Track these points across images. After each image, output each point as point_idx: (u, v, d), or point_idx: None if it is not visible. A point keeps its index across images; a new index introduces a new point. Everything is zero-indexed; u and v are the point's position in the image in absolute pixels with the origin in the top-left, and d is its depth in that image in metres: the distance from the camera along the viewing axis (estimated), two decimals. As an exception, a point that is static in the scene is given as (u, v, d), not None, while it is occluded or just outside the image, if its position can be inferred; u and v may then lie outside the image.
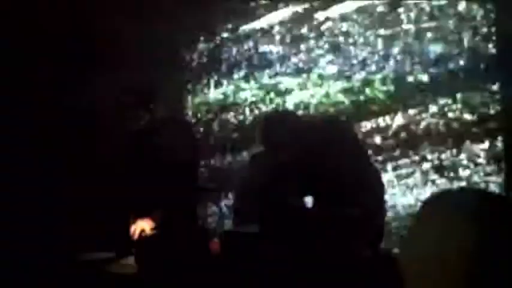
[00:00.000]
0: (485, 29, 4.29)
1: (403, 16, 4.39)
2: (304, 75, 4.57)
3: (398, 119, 4.40)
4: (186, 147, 3.75)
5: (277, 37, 4.63)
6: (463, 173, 4.30)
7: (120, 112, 3.80)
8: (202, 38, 4.82)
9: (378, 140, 4.42)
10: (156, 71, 4.38)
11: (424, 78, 4.38)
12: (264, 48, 4.67)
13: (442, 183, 4.30)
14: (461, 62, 4.30)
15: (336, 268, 2.75)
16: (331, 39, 4.51)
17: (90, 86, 4.34)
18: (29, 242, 3.91)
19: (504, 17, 4.17)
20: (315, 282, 2.74)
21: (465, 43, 4.29)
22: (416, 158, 4.38)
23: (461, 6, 4.30)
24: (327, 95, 4.50)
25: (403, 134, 4.40)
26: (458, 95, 4.31)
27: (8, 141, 4.29)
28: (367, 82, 4.44)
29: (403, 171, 4.38)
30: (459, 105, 4.31)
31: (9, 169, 4.25)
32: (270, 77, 4.65)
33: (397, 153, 4.40)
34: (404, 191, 4.37)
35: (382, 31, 4.41)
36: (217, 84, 4.78)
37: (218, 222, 4.73)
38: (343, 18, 4.48)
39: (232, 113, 4.75)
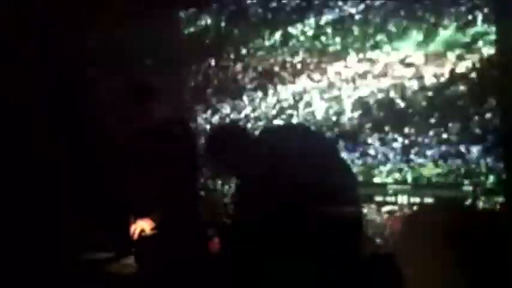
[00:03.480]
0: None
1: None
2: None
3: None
4: (186, 147, 3.75)
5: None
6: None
7: (120, 111, 3.80)
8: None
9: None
10: (156, 69, 4.39)
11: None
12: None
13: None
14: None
15: (323, 268, 2.75)
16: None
17: (90, 85, 4.35)
18: (29, 242, 3.91)
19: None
20: (308, 282, 2.75)
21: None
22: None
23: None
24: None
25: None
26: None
27: (8, 141, 4.29)
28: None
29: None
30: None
31: (8, 169, 4.25)
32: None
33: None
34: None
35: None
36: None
37: (218, 222, 4.74)
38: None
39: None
